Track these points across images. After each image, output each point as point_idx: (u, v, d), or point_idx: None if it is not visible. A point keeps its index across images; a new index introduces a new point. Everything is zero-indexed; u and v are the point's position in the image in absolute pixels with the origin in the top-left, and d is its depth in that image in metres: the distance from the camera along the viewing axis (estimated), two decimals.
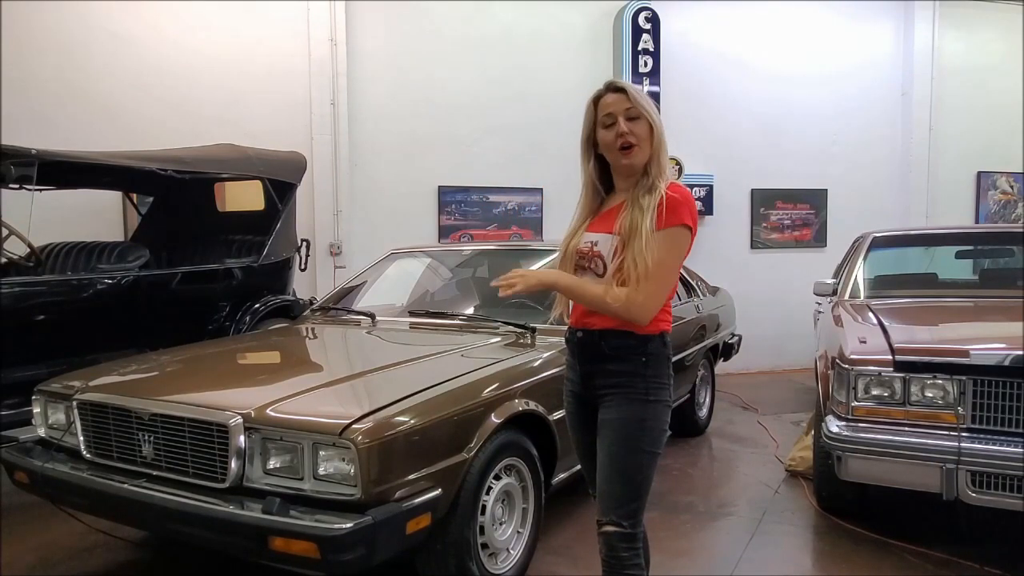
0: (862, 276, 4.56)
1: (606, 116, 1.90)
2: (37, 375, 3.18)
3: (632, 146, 1.87)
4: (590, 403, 2.00)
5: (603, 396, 1.94)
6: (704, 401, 5.28)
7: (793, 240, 7.90)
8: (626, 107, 1.88)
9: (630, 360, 1.90)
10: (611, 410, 1.91)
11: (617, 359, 1.92)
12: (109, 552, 3.19)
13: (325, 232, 6.39)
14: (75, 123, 5.52)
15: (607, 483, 1.90)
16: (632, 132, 1.87)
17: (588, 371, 1.97)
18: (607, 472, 1.90)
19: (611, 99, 1.90)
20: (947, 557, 3.08)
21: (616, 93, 1.91)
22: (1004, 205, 8.52)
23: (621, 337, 1.91)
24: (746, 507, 3.78)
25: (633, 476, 1.89)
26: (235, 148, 5.21)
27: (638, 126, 1.88)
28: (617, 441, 1.89)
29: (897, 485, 3.06)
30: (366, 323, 3.72)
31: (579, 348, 1.99)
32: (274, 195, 5.18)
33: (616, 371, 1.92)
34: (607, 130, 1.90)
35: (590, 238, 1.95)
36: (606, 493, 1.90)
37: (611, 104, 1.90)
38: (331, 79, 6.29)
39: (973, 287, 4.84)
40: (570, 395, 2.09)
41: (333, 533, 2.05)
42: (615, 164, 1.94)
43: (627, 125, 1.87)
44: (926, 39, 7.99)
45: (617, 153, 1.89)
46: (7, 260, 4.14)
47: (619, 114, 1.88)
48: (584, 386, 2.00)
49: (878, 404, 3.04)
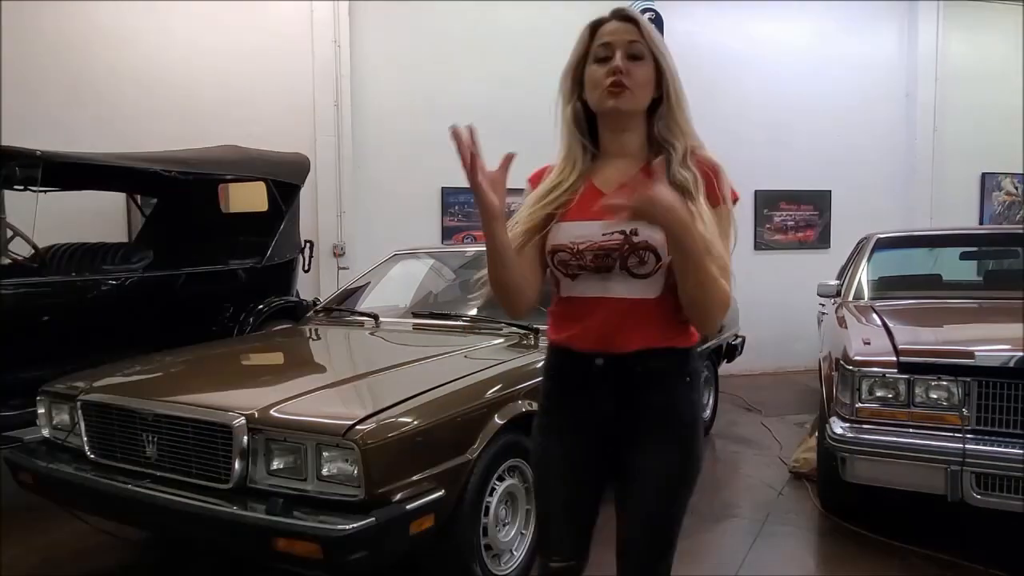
0: (866, 277, 4.55)
1: (602, 47, 1.45)
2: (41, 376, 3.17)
3: (623, 87, 1.41)
4: (601, 446, 1.52)
5: (634, 436, 1.48)
6: (707, 402, 5.26)
7: (797, 241, 7.89)
8: (629, 39, 1.43)
9: (675, 385, 1.48)
10: (647, 452, 1.47)
11: (658, 386, 1.47)
12: (112, 553, 3.19)
13: (328, 233, 6.40)
14: (79, 124, 5.52)
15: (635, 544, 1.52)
16: (629, 72, 1.41)
17: (612, 408, 1.47)
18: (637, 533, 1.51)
19: (614, 27, 1.46)
20: (951, 559, 3.07)
21: (623, 22, 1.46)
22: (1008, 206, 8.49)
23: (663, 356, 1.45)
24: (750, 509, 3.77)
25: (669, 533, 1.53)
26: (239, 149, 5.22)
27: (640, 68, 1.43)
28: (657, 496, 1.48)
29: (901, 487, 3.05)
30: (369, 324, 3.72)
31: (600, 380, 1.46)
32: (278, 196, 5.19)
33: (657, 403, 1.47)
34: (598, 64, 1.45)
35: (615, 225, 1.37)
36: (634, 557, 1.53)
37: (611, 33, 1.45)
38: (334, 80, 6.30)
39: (977, 288, 4.83)
40: (562, 437, 1.54)
41: (336, 534, 2.05)
42: (598, 108, 1.47)
43: (625, 63, 1.42)
44: (930, 40, 7.97)
45: (603, 92, 1.43)
46: (11, 261, 4.15)
47: (618, 46, 1.43)
48: (599, 427, 1.50)
49: (882, 405, 3.03)
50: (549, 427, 1.57)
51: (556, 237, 1.46)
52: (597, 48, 1.46)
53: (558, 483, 1.55)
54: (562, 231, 1.46)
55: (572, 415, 1.53)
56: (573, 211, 1.47)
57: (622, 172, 1.48)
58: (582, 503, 1.56)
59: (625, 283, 1.42)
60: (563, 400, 1.55)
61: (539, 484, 1.60)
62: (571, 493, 1.55)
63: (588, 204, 1.43)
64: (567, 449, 1.54)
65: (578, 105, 1.51)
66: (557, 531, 1.56)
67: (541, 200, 1.49)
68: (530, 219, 1.48)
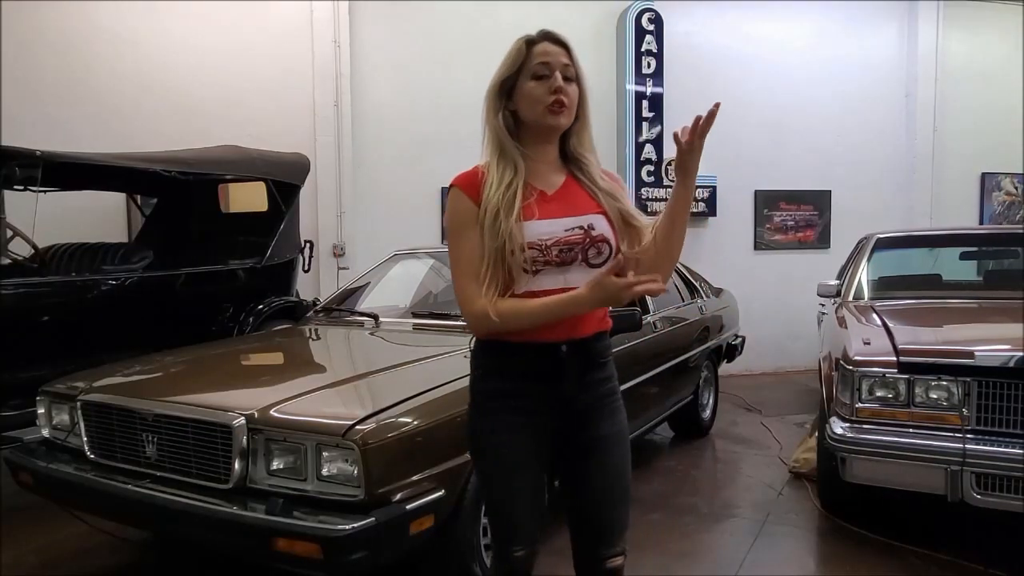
0: (866, 277, 4.55)
1: (541, 65, 1.59)
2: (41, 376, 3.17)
3: (564, 106, 1.58)
4: (559, 430, 1.65)
5: (588, 415, 1.65)
6: (707, 402, 5.27)
7: (797, 241, 7.89)
8: (565, 63, 1.60)
9: (609, 361, 1.70)
10: (602, 424, 1.65)
11: (603, 364, 1.67)
12: (112, 553, 3.19)
13: (328, 233, 6.40)
14: (79, 124, 5.53)
15: (612, 510, 1.65)
16: (567, 93, 1.59)
17: (572, 394, 1.62)
18: (611, 496, 1.65)
19: (549, 48, 1.61)
20: (951, 559, 3.07)
21: (557, 45, 1.62)
22: (1008, 206, 8.49)
23: (602, 338, 1.68)
24: (749, 509, 3.77)
25: (628, 494, 1.69)
26: (239, 149, 5.22)
27: (572, 89, 1.61)
28: (619, 456, 1.66)
29: (901, 487, 3.05)
30: (369, 324, 3.72)
31: (565, 364, 1.60)
32: (277, 196, 5.19)
33: (603, 378, 1.67)
34: (537, 81, 1.58)
35: (574, 221, 1.58)
36: (611, 522, 1.65)
37: (550, 54, 1.60)
38: (334, 80, 6.30)
39: (977, 288, 4.83)
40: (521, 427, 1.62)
41: (336, 534, 2.05)
42: (538, 123, 1.60)
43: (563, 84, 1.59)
44: (930, 40, 7.98)
45: (545, 111, 1.58)
46: (11, 261, 4.15)
47: (556, 67, 1.59)
48: (561, 414, 1.63)
49: (882, 405, 3.03)
50: (502, 422, 1.63)
51: (525, 236, 1.54)
52: (536, 66, 1.59)
53: (518, 475, 1.64)
54: (529, 230, 1.55)
55: (529, 405, 1.62)
56: (532, 211, 1.57)
57: (553, 177, 1.66)
58: (539, 491, 1.68)
59: (583, 273, 1.56)
60: (519, 392, 1.62)
61: (497, 478, 1.66)
62: (530, 483, 1.65)
63: (544, 205, 1.59)
64: (524, 440, 1.62)
65: (507, 115, 1.63)
66: (519, 522, 1.66)
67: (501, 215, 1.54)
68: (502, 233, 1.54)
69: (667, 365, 4.18)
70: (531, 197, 1.58)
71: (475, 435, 1.69)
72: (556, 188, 1.64)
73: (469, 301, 1.57)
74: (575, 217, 1.59)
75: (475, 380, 1.70)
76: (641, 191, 7.06)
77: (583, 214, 1.60)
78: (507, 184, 1.57)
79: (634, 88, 7.02)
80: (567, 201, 1.63)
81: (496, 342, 1.61)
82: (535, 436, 1.63)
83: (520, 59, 1.61)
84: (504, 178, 1.58)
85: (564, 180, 1.66)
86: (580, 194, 1.65)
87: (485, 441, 1.67)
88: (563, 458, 1.69)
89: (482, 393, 1.68)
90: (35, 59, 5.53)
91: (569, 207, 1.61)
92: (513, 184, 1.57)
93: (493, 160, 1.62)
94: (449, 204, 1.64)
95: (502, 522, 1.70)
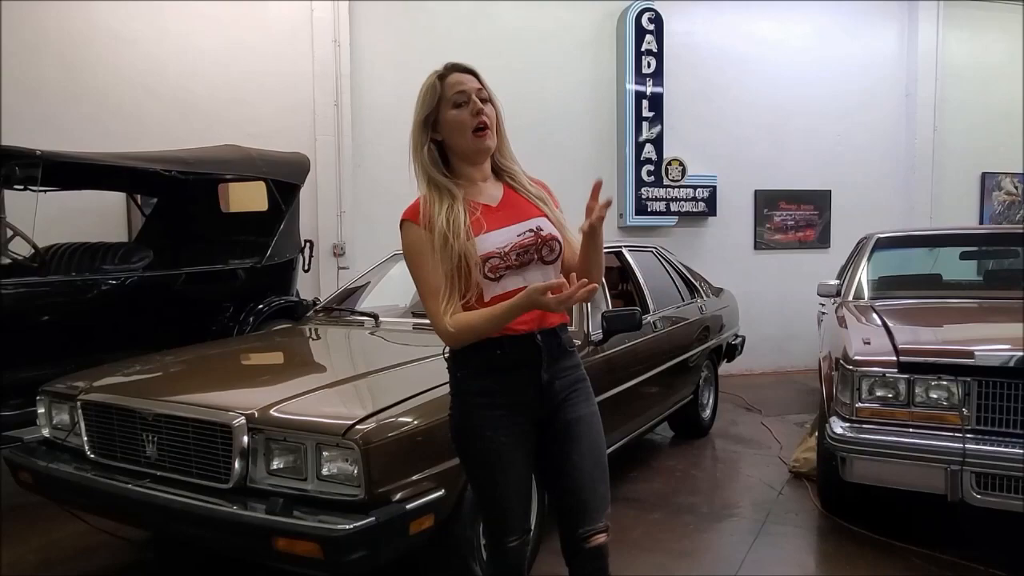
0: (866, 277, 4.55)
1: (458, 94, 1.72)
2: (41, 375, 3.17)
3: (487, 128, 1.73)
4: (539, 420, 1.78)
5: (564, 399, 1.79)
6: (707, 402, 5.27)
7: (797, 241, 7.89)
8: (477, 87, 1.74)
9: (574, 351, 1.86)
10: (578, 407, 1.79)
11: (571, 352, 1.83)
12: (112, 552, 3.20)
13: (328, 233, 6.39)
14: (79, 124, 5.52)
15: (593, 486, 1.75)
16: (487, 114, 1.73)
17: (549, 378, 1.76)
18: (591, 474, 1.76)
19: (461, 78, 1.74)
20: (951, 559, 3.07)
21: (465, 74, 1.75)
22: (1008, 206, 8.49)
23: (565, 329, 1.83)
24: (749, 508, 3.77)
25: (607, 472, 1.81)
26: (238, 149, 5.22)
27: (490, 110, 1.75)
28: (595, 435, 1.80)
29: (901, 487, 3.05)
30: (369, 324, 3.72)
31: (540, 352, 1.74)
32: (278, 196, 5.19)
33: (572, 365, 1.82)
34: (458, 110, 1.72)
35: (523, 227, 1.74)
36: (592, 498, 1.74)
37: (463, 83, 1.73)
38: (334, 80, 6.29)
39: (978, 288, 4.83)
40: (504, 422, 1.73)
41: (336, 534, 2.06)
42: (468, 148, 1.75)
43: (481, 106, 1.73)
44: (930, 40, 7.98)
45: (472, 135, 1.72)
46: (11, 261, 4.15)
47: (472, 92, 1.72)
48: (540, 400, 1.76)
49: (882, 405, 3.03)
50: (486, 418, 1.74)
51: (482, 248, 1.69)
52: (454, 95, 1.72)
53: (505, 469, 1.76)
54: (486, 242, 1.70)
55: (510, 400, 1.74)
56: (483, 225, 1.71)
57: (491, 191, 1.81)
58: (525, 481, 1.81)
59: (540, 271, 1.74)
60: (501, 387, 1.74)
61: (485, 474, 1.78)
62: (517, 475, 1.78)
63: (493, 216, 1.74)
64: (508, 435, 1.74)
65: (432, 147, 1.78)
66: (510, 513, 1.79)
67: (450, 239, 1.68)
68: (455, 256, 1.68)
69: (667, 365, 4.18)
70: (477, 212, 1.72)
71: (460, 434, 1.80)
72: (499, 200, 1.79)
73: (435, 320, 1.70)
74: (523, 223, 1.75)
75: (458, 382, 1.80)
76: (641, 191, 7.06)
77: (529, 218, 1.76)
78: (447, 209, 1.70)
79: (634, 88, 7.01)
80: (512, 209, 1.77)
81: (474, 345, 1.72)
82: (518, 429, 1.75)
83: (436, 93, 1.74)
84: (443, 205, 1.71)
85: (503, 192, 1.81)
86: (521, 201, 1.80)
87: (471, 439, 1.77)
88: (544, 444, 1.80)
89: (467, 392, 1.78)
90: (35, 59, 5.53)
91: (515, 214, 1.76)
92: (454, 208, 1.70)
93: (428, 192, 1.76)
94: (403, 237, 1.76)
95: (494, 516, 1.82)
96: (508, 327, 1.69)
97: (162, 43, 5.89)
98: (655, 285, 4.41)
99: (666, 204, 7.17)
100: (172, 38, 5.92)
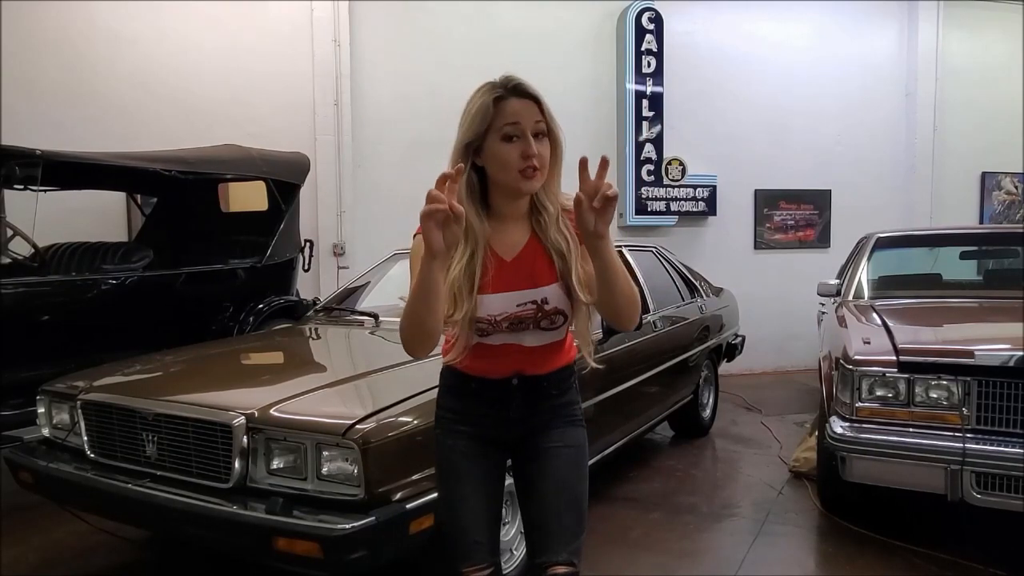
0: (866, 276, 4.54)
1: (511, 126, 1.50)
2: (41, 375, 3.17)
3: (536, 171, 1.50)
4: (508, 442, 1.69)
5: (538, 427, 1.67)
6: (707, 402, 5.27)
7: (797, 240, 7.89)
8: (536, 119, 1.51)
9: (570, 387, 1.71)
10: (552, 436, 1.66)
11: (557, 394, 1.68)
12: (112, 552, 3.19)
13: (328, 233, 6.39)
14: (79, 124, 5.52)
15: (557, 516, 1.62)
16: (539, 154, 1.50)
17: (519, 416, 1.65)
18: (557, 503, 1.63)
19: (519, 106, 1.51)
20: (951, 559, 3.07)
21: (525, 99, 1.52)
22: (1008, 206, 8.49)
23: (563, 372, 1.69)
24: (749, 508, 3.77)
25: (582, 506, 1.67)
26: (239, 149, 5.22)
27: (544, 147, 1.52)
28: (567, 467, 1.65)
29: (901, 486, 3.06)
30: (369, 324, 3.72)
31: (514, 393, 1.63)
32: (278, 196, 5.19)
33: (558, 405, 1.68)
34: (509, 144, 1.50)
35: (526, 296, 1.56)
36: (557, 528, 1.62)
37: (520, 113, 1.51)
38: (334, 80, 6.29)
39: (977, 288, 4.83)
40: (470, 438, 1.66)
41: (336, 533, 2.06)
42: (510, 187, 1.53)
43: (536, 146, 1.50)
44: (930, 39, 7.98)
45: (518, 176, 1.50)
46: (11, 260, 4.15)
47: (528, 127, 1.50)
48: (507, 432, 1.67)
49: (882, 405, 3.03)
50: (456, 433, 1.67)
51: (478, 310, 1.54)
52: (506, 127, 1.50)
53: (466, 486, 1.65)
54: (482, 305, 1.54)
55: (479, 423, 1.65)
56: (488, 286, 1.54)
57: (516, 237, 1.60)
58: (488, 506, 1.67)
59: (536, 335, 1.60)
60: (468, 412, 1.67)
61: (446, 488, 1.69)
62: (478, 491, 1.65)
63: (501, 275, 1.56)
64: (475, 455, 1.66)
65: (473, 174, 1.56)
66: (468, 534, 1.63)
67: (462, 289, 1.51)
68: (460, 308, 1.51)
69: (667, 364, 4.18)
70: (490, 269, 1.54)
71: (435, 446, 1.72)
72: (515, 253, 1.59)
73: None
74: (528, 291, 1.57)
75: (438, 395, 1.75)
76: (641, 191, 7.06)
77: (537, 287, 1.57)
78: (468, 258, 1.52)
79: (634, 87, 7.01)
80: (523, 271, 1.58)
81: (455, 368, 1.65)
82: (480, 447, 1.66)
83: (487, 118, 1.51)
84: (465, 251, 1.52)
85: (526, 241, 1.60)
86: (537, 260, 1.58)
87: (437, 446, 1.71)
88: (516, 465, 1.72)
89: (441, 407, 1.73)
90: (35, 59, 5.53)
91: (524, 278, 1.57)
92: (474, 260, 1.52)
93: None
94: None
95: (449, 534, 1.68)
96: (484, 372, 1.62)
97: (162, 43, 5.89)
98: (655, 285, 4.40)
99: (666, 204, 7.17)
100: (172, 38, 5.92)
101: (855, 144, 7.94)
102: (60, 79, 5.59)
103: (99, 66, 5.72)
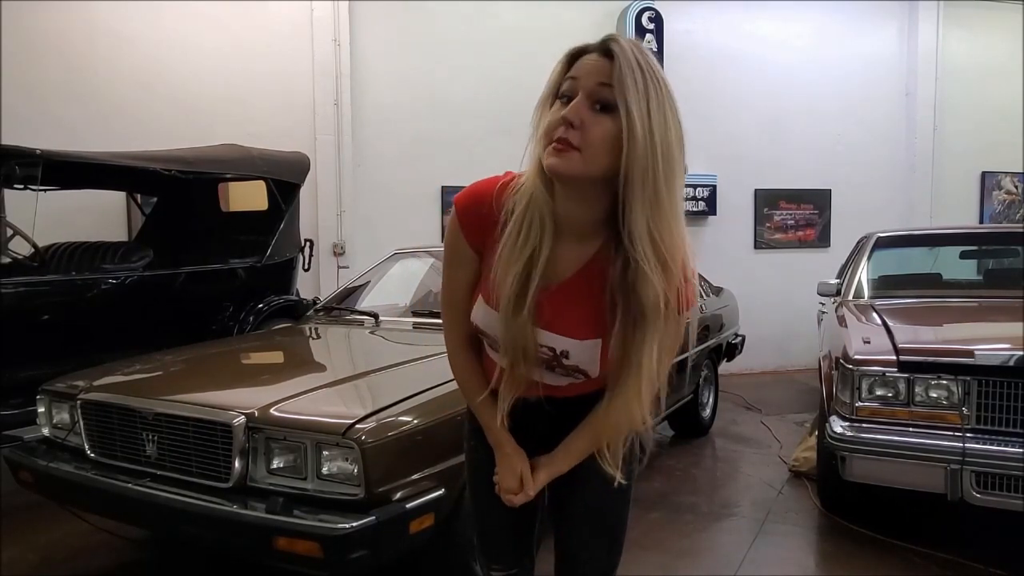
0: (866, 276, 4.55)
1: (569, 82, 1.14)
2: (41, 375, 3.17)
3: (569, 146, 1.11)
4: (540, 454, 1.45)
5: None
6: (707, 401, 5.27)
7: (797, 240, 7.89)
8: (599, 81, 1.10)
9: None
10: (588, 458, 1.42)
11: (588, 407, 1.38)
12: (113, 552, 3.19)
13: (328, 232, 6.40)
14: (79, 123, 5.52)
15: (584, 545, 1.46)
16: (584, 125, 1.10)
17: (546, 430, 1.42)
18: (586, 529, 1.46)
19: (589, 63, 1.13)
20: (951, 558, 3.07)
21: (602, 57, 1.12)
22: (1008, 205, 8.49)
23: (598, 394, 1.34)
24: (749, 508, 3.77)
25: (616, 533, 1.48)
26: (239, 148, 5.22)
27: (601, 123, 1.10)
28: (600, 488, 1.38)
29: (901, 486, 3.06)
30: (369, 323, 3.72)
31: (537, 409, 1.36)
32: (278, 195, 5.19)
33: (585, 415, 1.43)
34: (558, 105, 1.15)
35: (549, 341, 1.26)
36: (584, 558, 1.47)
37: (584, 68, 1.13)
38: (334, 79, 6.30)
39: (977, 287, 4.83)
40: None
41: (336, 533, 2.05)
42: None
43: (584, 112, 1.11)
44: (930, 39, 7.97)
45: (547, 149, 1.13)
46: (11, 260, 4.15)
47: (583, 88, 1.11)
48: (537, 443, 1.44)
49: (882, 404, 3.03)
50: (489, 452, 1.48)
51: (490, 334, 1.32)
52: (566, 84, 1.14)
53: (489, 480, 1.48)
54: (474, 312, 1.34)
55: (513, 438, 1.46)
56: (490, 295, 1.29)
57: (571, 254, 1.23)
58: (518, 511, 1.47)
59: (551, 376, 1.34)
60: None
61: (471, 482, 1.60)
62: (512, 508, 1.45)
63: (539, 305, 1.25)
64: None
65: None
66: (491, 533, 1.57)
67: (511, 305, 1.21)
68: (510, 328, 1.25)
69: None
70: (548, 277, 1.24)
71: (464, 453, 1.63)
72: (560, 281, 1.24)
73: (445, 331, 1.45)
74: (553, 335, 1.25)
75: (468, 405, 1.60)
76: None
77: (567, 336, 1.25)
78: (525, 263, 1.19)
79: None
80: (559, 309, 1.24)
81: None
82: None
83: (558, 76, 1.17)
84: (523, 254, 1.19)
85: (579, 270, 1.24)
86: (584, 305, 1.23)
87: (468, 454, 1.61)
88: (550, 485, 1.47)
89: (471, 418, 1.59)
90: (36, 59, 5.53)
91: (556, 319, 1.24)
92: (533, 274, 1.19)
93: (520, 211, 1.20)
94: (448, 229, 1.35)
95: (477, 531, 1.61)
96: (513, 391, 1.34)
97: (162, 43, 5.89)
98: None
99: None
100: (172, 38, 5.92)
101: (855, 144, 7.93)
102: (60, 79, 5.59)
103: (99, 66, 5.72)
